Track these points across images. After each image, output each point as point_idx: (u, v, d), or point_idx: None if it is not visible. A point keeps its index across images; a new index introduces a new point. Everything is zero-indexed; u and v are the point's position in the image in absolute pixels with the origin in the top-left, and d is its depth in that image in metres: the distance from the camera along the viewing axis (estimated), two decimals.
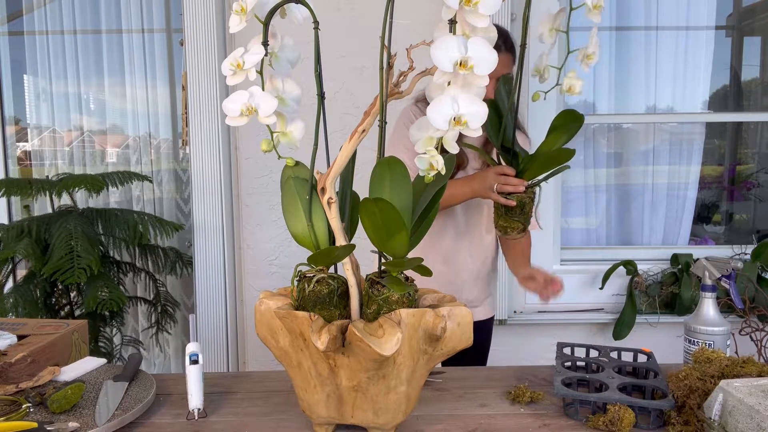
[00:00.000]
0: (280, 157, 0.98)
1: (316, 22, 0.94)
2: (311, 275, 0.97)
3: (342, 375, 0.93)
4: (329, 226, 0.99)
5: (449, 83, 0.88)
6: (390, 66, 0.94)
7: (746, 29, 2.78)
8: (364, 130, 0.95)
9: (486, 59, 0.84)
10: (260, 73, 0.93)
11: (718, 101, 2.76)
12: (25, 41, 2.74)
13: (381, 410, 0.96)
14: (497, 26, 1.40)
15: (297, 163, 1.04)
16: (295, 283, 0.99)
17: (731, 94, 2.80)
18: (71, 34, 2.72)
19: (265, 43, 0.92)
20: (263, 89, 0.94)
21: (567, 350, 1.30)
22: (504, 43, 1.53)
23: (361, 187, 1.02)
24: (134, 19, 2.68)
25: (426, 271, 1.00)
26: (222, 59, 0.91)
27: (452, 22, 0.86)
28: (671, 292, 2.40)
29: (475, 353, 1.74)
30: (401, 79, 0.96)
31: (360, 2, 2.33)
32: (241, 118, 0.92)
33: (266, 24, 0.93)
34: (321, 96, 0.98)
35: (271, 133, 0.96)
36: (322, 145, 1.02)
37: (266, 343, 0.99)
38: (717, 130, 2.85)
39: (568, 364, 1.23)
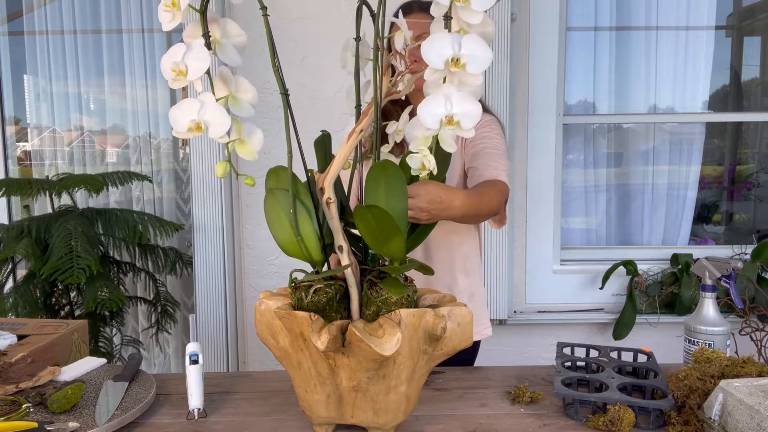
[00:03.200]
0: (239, 175, 0.88)
1: (263, 7, 0.84)
2: (308, 284, 0.95)
3: (342, 375, 0.93)
4: (318, 232, 0.96)
5: (444, 81, 0.86)
6: (387, 67, 0.93)
7: (746, 29, 2.78)
8: (361, 131, 0.94)
9: (479, 57, 0.82)
10: (206, 72, 0.82)
11: (718, 101, 2.76)
12: (25, 41, 2.74)
13: (381, 410, 0.95)
14: None
15: (278, 171, 0.98)
16: (292, 290, 0.97)
17: (731, 94, 2.80)
18: (71, 34, 2.72)
19: (206, 35, 0.82)
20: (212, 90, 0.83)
21: (567, 350, 1.30)
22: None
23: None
24: (134, 19, 2.68)
25: (428, 270, 1.00)
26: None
27: (447, 18, 0.84)
28: (671, 292, 2.40)
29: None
30: (398, 79, 0.95)
31: None
32: (188, 133, 0.81)
33: (203, 12, 0.83)
34: (285, 94, 0.90)
35: (227, 145, 0.85)
36: (302, 147, 0.96)
37: (266, 343, 0.99)
38: (717, 130, 2.85)
39: (568, 364, 1.23)
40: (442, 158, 1.01)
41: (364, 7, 0.95)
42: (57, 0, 2.69)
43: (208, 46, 0.82)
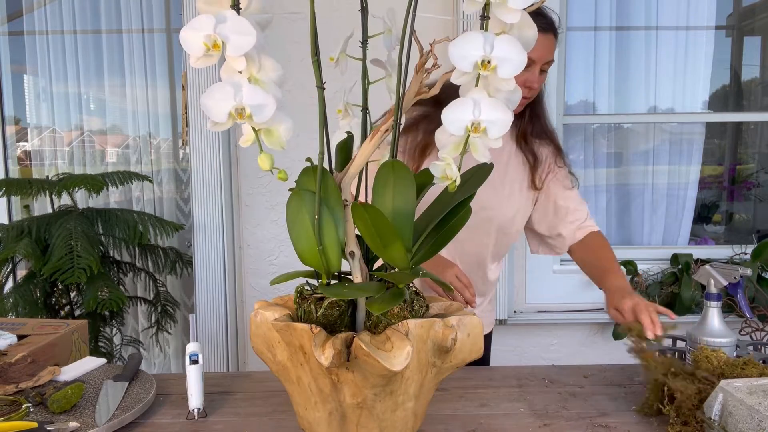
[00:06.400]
0: (272, 169, 0.79)
1: None
2: (318, 296, 0.88)
3: (345, 391, 0.86)
4: (342, 241, 0.88)
5: (477, 84, 0.79)
6: (421, 66, 0.87)
7: (746, 29, 2.78)
8: (386, 130, 0.87)
9: (511, 60, 0.74)
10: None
11: (718, 101, 2.76)
12: (25, 41, 2.74)
13: (387, 428, 0.89)
14: (545, 11, 1.29)
15: (310, 168, 0.89)
16: (298, 302, 0.91)
17: (731, 94, 2.80)
18: (71, 34, 2.72)
19: (237, 6, 0.72)
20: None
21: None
22: (552, 24, 1.32)
23: None
24: (134, 19, 2.68)
25: (446, 287, 0.94)
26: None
27: (484, 18, 0.76)
28: (671, 292, 2.40)
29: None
30: (425, 77, 0.90)
31: None
32: (227, 122, 0.72)
33: None
34: (321, 88, 0.83)
35: (256, 132, 0.76)
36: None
37: (262, 357, 0.93)
38: (717, 130, 2.85)
39: None
40: (483, 170, 0.93)
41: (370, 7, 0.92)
42: (57, 0, 2.69)
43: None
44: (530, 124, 1.44)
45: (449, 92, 0.83)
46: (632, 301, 1.16)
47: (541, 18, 1.27)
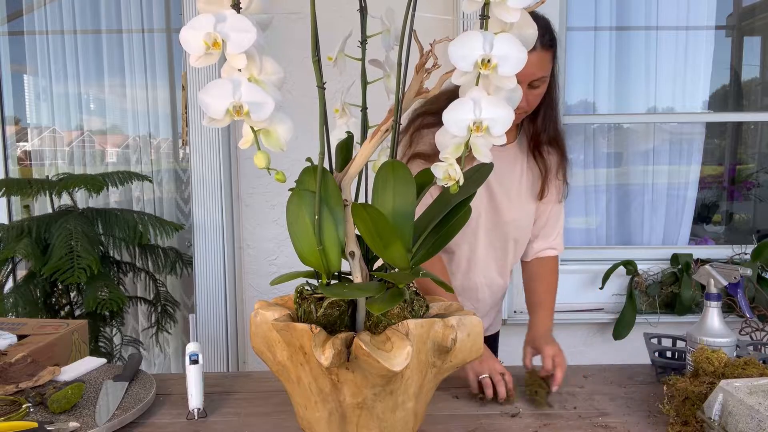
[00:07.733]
0: (270, 170, 0.79)
1: None
2: (318, 296, 0.88)
3: (345, 391, 0.85)
4: (342, 241, 0.88)
5: (477, 83, 0.79)
6: (421, 66, 0.87)
7: (746, 29, 2.78)
8: (387, 130, 0.87)
9: (512, 57, 0.74)
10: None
11: (718, 101, 2.76)
12: (25, 41, 2.74)
13: (387, 428, 0.89)
14: (536, 16, 1.21)
15: (311, 168, 0.89)
16: (298, 302, 0.91)
17: (731, 94, 2.80)
18: (71, 34, 2.72)
19: (237, 5, 0.72)
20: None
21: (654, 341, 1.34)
22: (542, 37, 1.20)
23: None
24: (134, 19, 2.69)
25: (446, 287, 0.93)
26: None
27: (484, 17, 0.76)
28: (671, 292, 2.40)
29: None
30: (426, 77, 0.90)
31: None
32: (225, 119, 0.73)
33: None
34: (322, 88, 0.82)
35: (255, 132, 0.76)
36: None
37: (262, 357, 0.94)
38: (717, 130, 2.85)
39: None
40: (482, 170, 0.92)
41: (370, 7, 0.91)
42: (57, 0, 2.69)
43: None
44: (544, 129, 1.43)
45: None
46: (553, 350, 1.29)
47: None
